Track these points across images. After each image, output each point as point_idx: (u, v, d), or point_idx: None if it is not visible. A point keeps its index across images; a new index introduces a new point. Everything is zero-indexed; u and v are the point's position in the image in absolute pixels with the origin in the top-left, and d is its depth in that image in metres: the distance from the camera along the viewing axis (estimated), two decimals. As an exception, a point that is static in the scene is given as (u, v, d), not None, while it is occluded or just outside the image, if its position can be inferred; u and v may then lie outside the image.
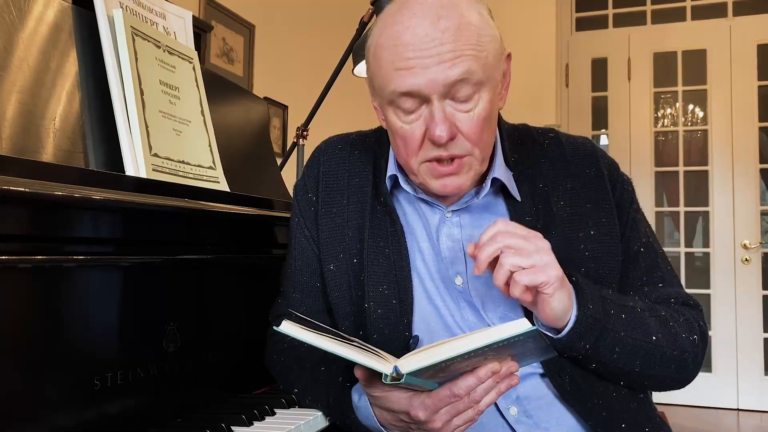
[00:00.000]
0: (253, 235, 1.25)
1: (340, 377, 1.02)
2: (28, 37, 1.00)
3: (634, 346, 0.97)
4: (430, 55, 0.93)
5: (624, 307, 0.99)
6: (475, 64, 0.94)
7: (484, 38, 0.95)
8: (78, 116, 1.04)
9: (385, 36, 0.97)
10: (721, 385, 4.14)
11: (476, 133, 0.97)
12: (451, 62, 0.93)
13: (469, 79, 0.94)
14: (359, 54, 1.88)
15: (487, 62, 0.96)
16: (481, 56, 0.95)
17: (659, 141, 4.44)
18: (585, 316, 0.93)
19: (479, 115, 0.96)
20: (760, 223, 4.18)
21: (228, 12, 3.16)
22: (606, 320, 0.95)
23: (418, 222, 1.09)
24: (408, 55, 0.94)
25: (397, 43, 0.95)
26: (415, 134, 0.98)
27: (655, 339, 0.98)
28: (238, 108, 1.56)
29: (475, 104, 0.96)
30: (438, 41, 0.93)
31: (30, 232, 0.79)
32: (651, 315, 1.00)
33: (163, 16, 1.30)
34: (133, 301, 0.94)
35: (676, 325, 1.02)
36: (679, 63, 4.38)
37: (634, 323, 0.98)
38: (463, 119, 0.96)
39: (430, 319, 1.05)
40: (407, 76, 0.94)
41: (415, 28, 0.94)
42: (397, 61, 0.95)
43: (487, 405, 0.87)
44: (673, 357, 1.00)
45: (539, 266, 0.89)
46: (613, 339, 0.96)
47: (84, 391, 0.85)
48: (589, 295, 0.95)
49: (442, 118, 0.95)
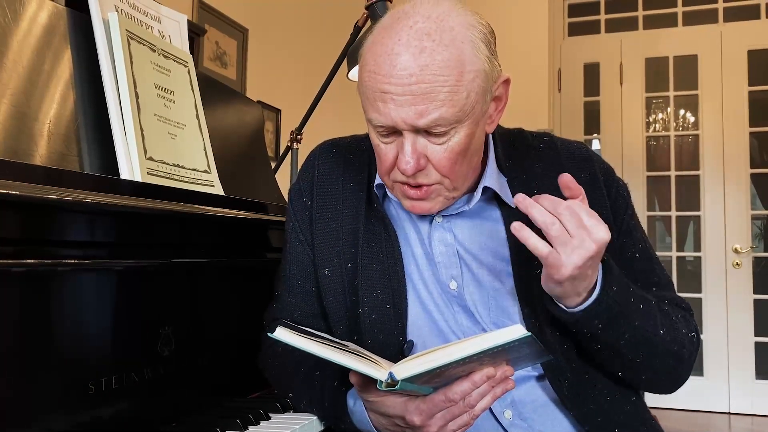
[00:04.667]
0: (247, 239, 1.25)
1: (335, 382, 1.02)
2: (21, 39, 1.00)
3: (643, 336, 0.97)
4: (404, 93, 0.91)
5: (642, 297, 0.99)
6: (450, 109, 0.91)
7: (467, 75, 0.92)
8: (72, 119, 1.04)
9: (370, 54, 0.95)
10: (713, 388, 4.16)
11: (446, 166, 0.96)
12: (424, 106, 0.91)
13: (441, 124, 0.92)
14: (353, 58, 1.88)
15: (467, 102, 0.93)
16: (459, 98, 0.91)
17: (651, 146, 4.46)
18: (607, 296, 0.93)
19: (452, 149, 0.95)
20: (750, 228, 4.20)
21: (221, 16, 3.15)
22: (625, 305, 0.95)
23: (410, 227, 1.09)
24: (384, 87, 0.92)
25: (377, 71, 0.93)
26: (389, 156, 0.98)
27: (662, 333, 0.99)
28: (232, 111, 1.55)
29: (450, 138, 0.95)
30: (415, 78, 0.90)
31: (23, 236, 0.79)
32: (658, 308, 1.01)
33: (158, 20, 1.30)
34: (127, 304, 0.93)
35: (677, 320, 1.03)
36: (670, 68, 4.41)
37: (648, 315, 0.98)
38: (435, 151, 0.95)
39: (424, 325, 1.05)
40: (381, 109, 0.93)
41: (395, 58, 0.91)
42: (374, 90, 0.94)
43: (483, 409, 0.88)
44: (673, 352, 1.01)
45: (556, 264, 0.88)
46: (626, 325, 0.96)
47: (78, 396, 0.84)
48: (616, 278, 0.95)
49: (411, 152, 0.94)
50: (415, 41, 0.91)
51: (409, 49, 0.91)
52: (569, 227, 0.87)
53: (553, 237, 0.88)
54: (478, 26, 0.95)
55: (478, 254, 1.05)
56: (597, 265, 0.92)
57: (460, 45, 0.92)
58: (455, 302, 1.04)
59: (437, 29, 0.92)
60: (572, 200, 0.90)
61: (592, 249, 0.87)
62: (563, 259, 0.87)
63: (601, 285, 0.93)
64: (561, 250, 0.87)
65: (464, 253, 1.06)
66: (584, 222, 0.88)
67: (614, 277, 0.95)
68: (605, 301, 0.93)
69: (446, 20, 0.93)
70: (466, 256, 1.06)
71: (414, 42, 0.91)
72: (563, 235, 0.87)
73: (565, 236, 0.87)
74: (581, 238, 0.87)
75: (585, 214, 0.88)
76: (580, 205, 0.89)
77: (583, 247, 0.87)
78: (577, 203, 0.90)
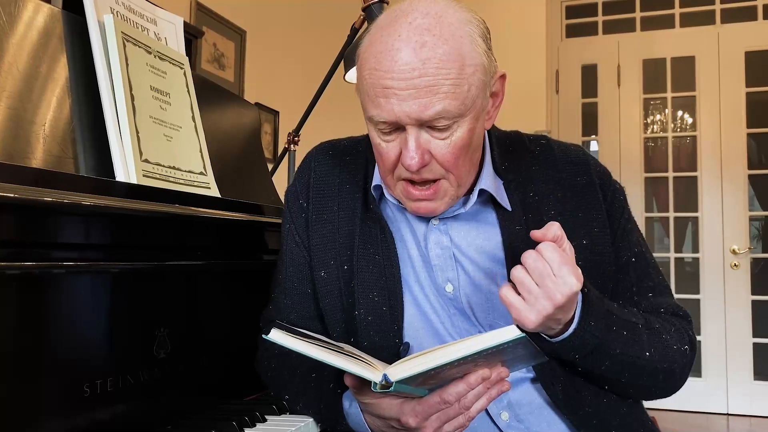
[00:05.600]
0: (243, 241, 1.25)
1: (331, 384, 1.02)
2: (17, 42, 1.00)
3: (626, 361, 0.96)
4: (407, 87, 0.91)
5: (626, 323, 0.97)
6: (453, 102, 0.92)
7: (468, 69, 0.93)
8: (68, 121, 1.04)
9: (369, 53, 0.96)
10: (711, 389, 4.16)
11: (450, 160, 0.96)
12: (427, 99, 0.91)
13: (445, 116, 0.93)
14: (351, 60, 1.88)
15: (469, 95, 0.93)
16: (461, 91, 0.92)
17: (649, 147, 4.46)
18: (583, 331, 0.92)
19: (455, 144, 0.95)
20: (748, 229, 4.21)
21: (219, 18, 3.15)
22: (605, 337, 0.94)
23: (407, 229, 1.09)
24: (386, 83, 0.92)
25: (378, 68, 0.93)
26: (390, 154, 0.98)
27: (648, 355, 0.97)
28: (229, 113, 1.55)
29: (452, 132, 0.95)
30: (417, 72, 0.90)
31: (19, 238, 0.79)
32: (646, 329, 0.99)
33: (153, 22, 1.30)
34: (123, 307, 0.93)
35: (668, 337, 1.01)
36: (668, 69, 4.41)
37: (632, 341, 0.96)
38: (439, 146, 0.95)
39: (420, 327, 1.05)
40: (384, 105, 0.93)
41: (396, 54, 0.91)
42: (375, 86, 0.94)
43: (478, 411, 0.87)
44: (662, 369, 1.00)
45: (522, 308, 0.88)
46: (606, 354, 0.95)
47: (74, 398, 0.84)
48: (595, 311, 0.93)
49: (415, 147, 0.94)
50: (415, 36, 0.91)
51: (409, 44, 0.91)
52: (534, 278, 0.87)
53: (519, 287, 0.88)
54: (474, 21, 0.96)
55: (474, 257, 1.05)
56: (571, 307, 0.90)
57: (459, 39, 0.93)
58: (451, 305, 1.04)
59: (437, 24, 0.92)
60: (544, 245, 0.89)
61: (549, 307, 0.86)
62: (523, 314, 0.87)
63: (579, 319, 0.92)
64: (523, 305, 0.87)
65: (460, 255, 1.06)
66: (552, 271, 0.87)
67: (593, 310, 0.93)
68: (581, 335, 0.92)
69: (444, 16, 0.93)
70: (462, 259, 1.06)
71: (414, 37, 0.91)
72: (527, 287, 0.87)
73: (530, 288, 0.87)
74: (542, 292, 0.87)
75: (556, 263, 0.87)
76: (552, 252, 0.88)
77: (539, 304, 0.87)
78: (550, 248, 0.88)
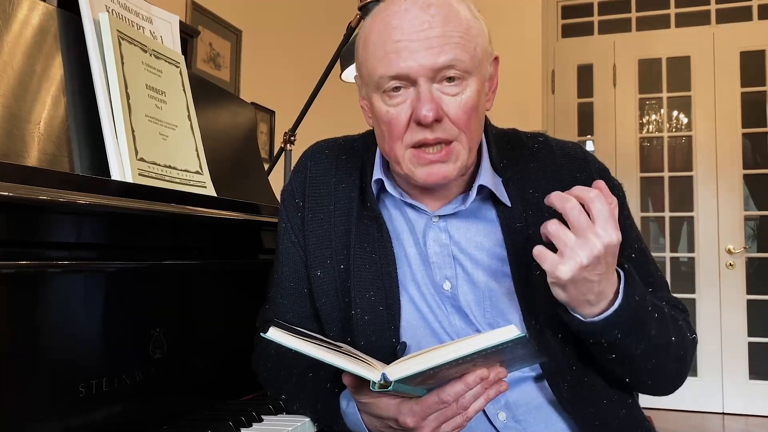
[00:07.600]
0: (239, 240, 1.24)
1: (328, 383, 1.01)
2: (12, 40, 0.99)
3: (657, 344, 0.96)
4: (419, 39, 0.94)
5: (656, 305, 0.98)
6: (464, 53, 0.96)
7: (473, 30, 0.98)
8: (63, 120, 1.03)
9: (375, 21, 0.99)
10: (707, 389, 4.17)
11: (462, 118, 0.97)
12: (439, 48, 0.94)
13: (456, 66, 0.95)
14: (347, 59, 1.88)
15: (476, 54, 0.97)
16: (470, 46, 0.96)
17: (644, 147, 4.47)
18: (629, 306, 0.92)
19: (466, 102, 0.97)
20: (744, 228, 4.22)
21: (215, 17, 3.14)
22: (645, 314, 0.94)
23: (404, 227, 1.09)
24: (396, 37, 0.95)
25: (386, 27, 0.97)
26: (401, 117, 0.98)
27: (674, 340, 0.98)
28: (225, 112, 1.55)
29: (463, 90, 0.97)
30: (427, 24, 0.95)
31: (14, 237, 0.78)
32: (669, 313, 1.01)
33: (149, 20, 1.29)
34: (118, 306, 0.93)
35: (683, 325, 1.03)
36: (663, 69, 4.42)
37: (663, 323, 0.97)
38: (450, 103, 0.97)
39: (417, 326, 1.04)
40: (395, 59, 0.95)
41: (405, 13, 0.96)
42: (386, 44, 0.96)
43: (476, 411, 0.87)
44: (680, 356, 1.01)
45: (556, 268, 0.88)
46: (645, 334, 0.95)
47: (68, 398, 0.84)
48: (639, 287, 0.94)
49: (429, 98, 0.95)
50: (420, 1, 0.97)
51: (416, 5, 0.97)
52: (575, 231, 0.87)
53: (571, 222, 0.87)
54: (470, 3, 1.02)
55: (474, 254, 1.05)
56: (607, 273, 0.89)
57: (462, 7, 0.99)
58: (449, 303, 1.04)
59: None
60: (597, 195, 0.88)
61: (584, 259, 0.86)
62: (558, 265, 0.87)
63: (624, 293, 0.92)
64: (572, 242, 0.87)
65: (459, 253, 1.05)
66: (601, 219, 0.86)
67: (637, 286, 0.93)
68: (627, 309, 0.91)
69: None
70: (461, 257, 1.05)
71: (419, 2, 0.97)
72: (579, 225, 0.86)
73: (584, 224, 0.86)
74: (580, 242, 0.86)
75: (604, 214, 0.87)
76: (603, 204, 0.87)
77: (576, 254, 0.86)
78: (601, 200, 0.87)
